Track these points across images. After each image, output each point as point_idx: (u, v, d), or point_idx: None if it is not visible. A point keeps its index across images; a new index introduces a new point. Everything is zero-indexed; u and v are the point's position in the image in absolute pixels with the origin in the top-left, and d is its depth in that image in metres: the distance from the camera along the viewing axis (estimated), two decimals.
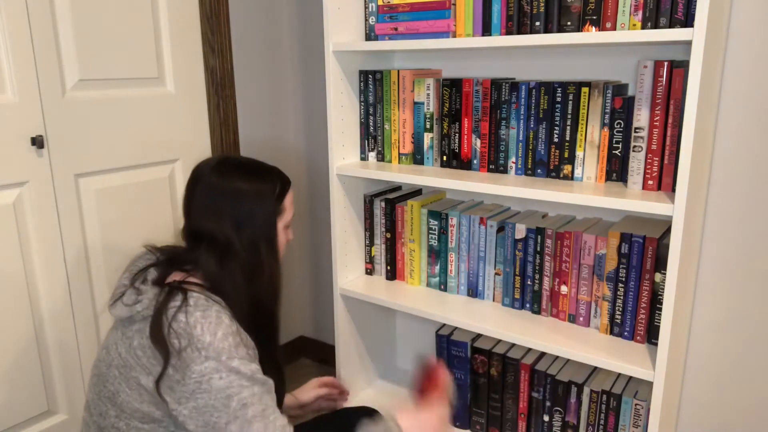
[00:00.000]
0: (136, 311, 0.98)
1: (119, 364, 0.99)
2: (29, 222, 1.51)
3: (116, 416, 0.99)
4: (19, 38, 1.43)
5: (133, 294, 1.01)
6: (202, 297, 0.98)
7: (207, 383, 0.91)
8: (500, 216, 1.55)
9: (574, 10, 1.25)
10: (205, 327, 0.94)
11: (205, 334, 0.93)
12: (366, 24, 1.58)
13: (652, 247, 1.27)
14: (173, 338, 0.93)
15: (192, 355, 0.92)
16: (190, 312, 0.95)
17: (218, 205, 1.04)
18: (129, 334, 0.99)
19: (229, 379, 0.92)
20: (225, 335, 0.94)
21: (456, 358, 1.59)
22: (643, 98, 1.23)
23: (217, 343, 0.93)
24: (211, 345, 0.92)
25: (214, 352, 0.92)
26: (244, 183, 1.06)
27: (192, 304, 0.96)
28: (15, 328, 1.51)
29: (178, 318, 0.94)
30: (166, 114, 1.77)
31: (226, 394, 0.92)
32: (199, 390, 0.92)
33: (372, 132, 1.66)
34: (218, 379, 0.92)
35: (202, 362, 0.91)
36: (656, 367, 1.20)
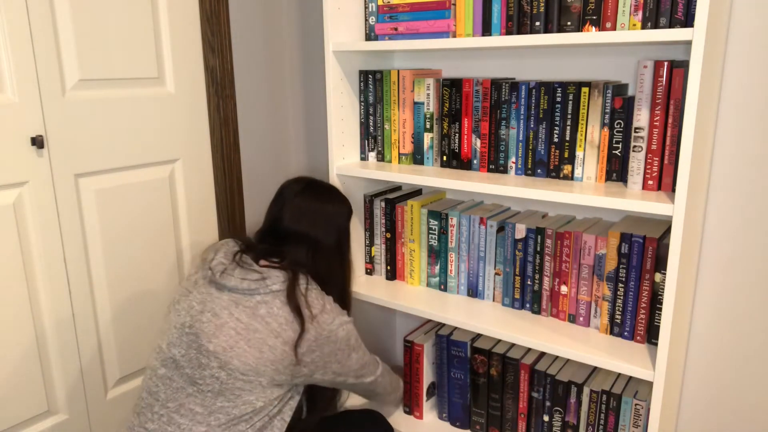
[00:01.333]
0: (264, 285, 1.20)
1: (237, 327, 1.18)
2: (29, 222, 1.51)
3: (219, 367, 1.17)
4: (19, 38, 1.43)
5: (251, 272, 1.23)
6: (310, 278, 1.28)
7: (334, 336, 1.23)
8: (500, 216, 1.55)
9: (574, 10, 1.25)
10: (325, 299, 1.25)
11: (326, 304, 1.24)
12: (366, 24, 1.58)
13: (652, 247, 1.27)
14: (307, 308, 1.21)
15: (323, 319, 1.22)
16: (314, 289, 1.25)
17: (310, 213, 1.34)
18: (249, 304, 1.20)
19: (346, 328, 1.26)
20: (332, 303, 1.27)
21: (456, 358, 1.59)
22: (643, 98, 1.23)
23: (335, 310, 1.25)
24: (332, 311, 1.24)
25: (335, 315, 1.24)
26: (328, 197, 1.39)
27: (311, 283, 1.26)
28: (15, 328, 1.51)
29: (309, 294, 1.23)
30: (166, 114, 1.77)
31: (347, 338, 1.26)
32: (327, 342, 1.22)
33: (372, 132, 1.66)
34: (342, 331, 1.25)
35: (329, 323, 1.22)
36: (656, 367, 1.20)
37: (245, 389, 1.17)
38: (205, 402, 1.17)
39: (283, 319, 1.18)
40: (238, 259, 1.27)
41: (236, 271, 1.23)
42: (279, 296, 1.20)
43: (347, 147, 1.66)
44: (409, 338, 1.69)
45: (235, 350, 1.16)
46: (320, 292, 1.26)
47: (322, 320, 1.21)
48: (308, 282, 1.26)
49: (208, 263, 1.27)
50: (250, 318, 1.18)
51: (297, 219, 1.34)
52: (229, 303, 1.20)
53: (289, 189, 1.38)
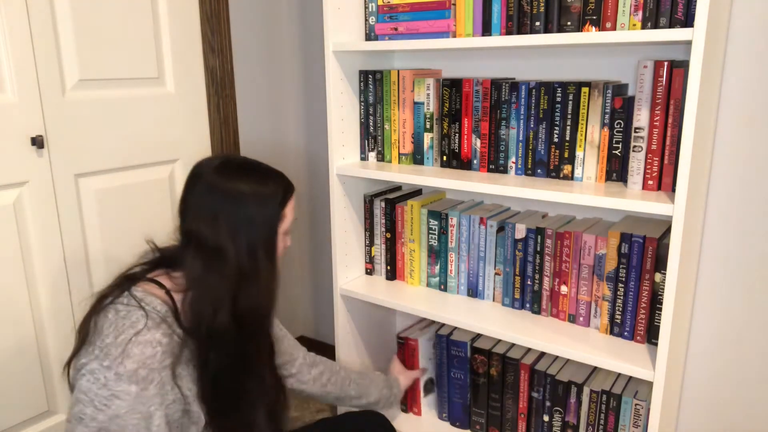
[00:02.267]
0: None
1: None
2: (29, 222, 1.51)
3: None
4: (19, 38, 1.43)
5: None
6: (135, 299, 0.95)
7: (81, 379, 0.89)
8: (500, 216, 1.55)
9: (574, 10, 1.25)
10: (115, 328, 0.91)
11: (109, 334, 0.90)
12: (366, 24, 1.58)
13: (652, 247, 1.27)
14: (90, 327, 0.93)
15: (88, 348, 0.91)
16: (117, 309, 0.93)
17: (216, 206, 0.99)
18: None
19: (89, 386, 0.88)
20: (123, 341, 0.89)
21: (456, 357, 1.59)
22: (643, 98, 1.23)
23: (109, 347, 0.89)
24: (106, 347, 0.89)
25: (102, 354, 0.89)
26: (246, 185, 1.01)
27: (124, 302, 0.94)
28: (15, 328, 1.51)
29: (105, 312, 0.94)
30: (166, 114, 1.77)
31: (77, 397, 0.88)
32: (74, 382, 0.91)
33: (372, 132, 1.66)
34: (86, 381, 0.89)
35: (89, 358, 0.90)
36: (656, 367, 1.20)
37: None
38: None
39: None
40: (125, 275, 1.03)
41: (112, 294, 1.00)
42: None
43: (347, 147, 1.66)
44: (403, 335, 1.71)
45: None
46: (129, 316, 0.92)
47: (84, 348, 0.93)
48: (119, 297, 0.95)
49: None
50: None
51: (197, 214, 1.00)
52: None
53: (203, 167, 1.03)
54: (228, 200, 0.99)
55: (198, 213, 1.00)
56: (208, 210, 0.99)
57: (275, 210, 1.03)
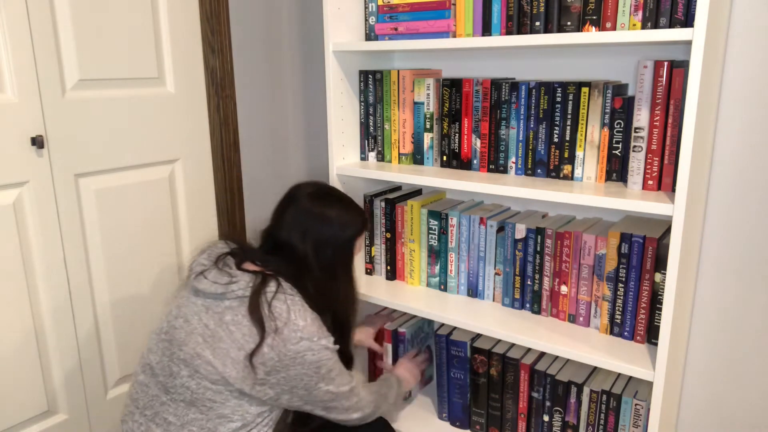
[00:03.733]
0: (230, 290, 1.11)
1: (204, 334, 1.11)
2: (29, 222, 1.51)
3: (189, 376, 1.11)
4: (19, 38, 1.43)
5: (224, 275, 1.14)
6: (290, 286, 1.16)
7: (301, 358, 1.09)
8: (500, 216, 1.55)
9: (574, 10, 1.25)
10: (297, 312, 1.11)
11: (298, 318, 1.10)
12: (366, 24, 1.58)
13: (652, 247, 1.27)
14: (270, 319, 1.09)
15: (289, 335, 1.08)
16: (283, 299, 1.11)
17: (307, 225, 1.21)
18: (217, 309, 1.12)
19: (319, 355, 1.11)
20: (313, 320, 1.12)
21: (455, 357, 1.59)
22: (643, 98, 1.23)
23: (309, 327, 1.10)
24: (304, 328, 1.10)
25: (307, 333, 1.10)
26: (335, 212, 1.23)
27: (285, 291, 1.13)
28: (15, 328, 1.51)
29: (274, 302, 1.10)
30: (166, 114, 1.77)
31: (317, 365, 1.11)
32: (292, 364, 1.09)
33: (372, 132, 1.66)
34: (311, 355, 1.10)
35: (297, 342, 1.09)
36: (656, 367, 1.20)
37: (217, 401, 1.10)
38: (178, 412, 1.12)
39: (247, 329, 1.09)
40: (221, 261, 1.18)
41: (211, 274, 1.15)
42: (245, 303, 1.11)
43: (347, 147, 1.66)
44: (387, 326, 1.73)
45: (202, 358, 1.09)
46: (295, 303, 1.13)
47: (286, 336, 1.08)
48: (278, 289, 1.13)
49: (190, 264, 1.21)
50: (217, 325, 1.11)
51: (290, 228, 1.22)
52: (201, 308, 1.14)
53: (299, 191, 1.26)
54: (318, 221, 1.22)
55: (291, 228, 1.22)
56: (301, 227, 1.21)
57: (353, 236, 1.26)
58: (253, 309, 1.09)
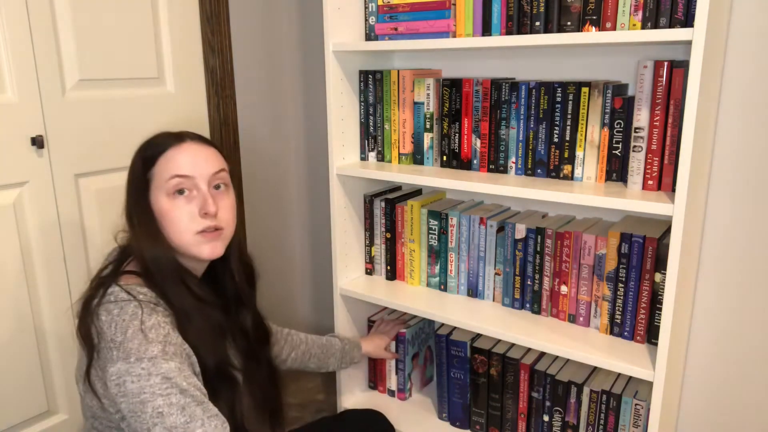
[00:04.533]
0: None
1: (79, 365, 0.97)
2: (29, 222, 1.51)
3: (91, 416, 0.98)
4: (19, 38, 1.43)
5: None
6: (123, 291, 0.92)
7: (123, 386, 0.85)
8: (500, 216, 1.55)
9: (574, 10, 1.25)
10: (118, 325, 0.88)
11: (117, 333, 0.87)
12: (366, 24, 1.58)
13: (652, 247, 1.27)
14: (94, 334, 0.90)
15: (107, 354, 0.88)
16: (109, 309, 0.90)
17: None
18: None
19: (140, 384, 0.84)
20: (134, 333, 0.87)
21: (455, 357, 1.59)
22: (643, 98, 1.23)
23: (126, 343, 0.86)
24: (121, 345, 0.86)
25: (124, 352, 0.86)
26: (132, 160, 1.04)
27: (111, 299, 0.91)
28: (15, 328, 1.51)
29: (98, 313, 0.91)
30: (166, 114, 1.77)
31: (140, 399, 0.84)
32: (119, 393, 0.86)
33: (372, 132, 1.66)
34: (131, 383, 0.85)
35: (114, 363, 0.86)
36: (656, 367, 1.20)
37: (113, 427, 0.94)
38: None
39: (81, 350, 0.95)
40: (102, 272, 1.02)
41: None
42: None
43: (347, 147, 1.66)
44: (373, 318, 1.77)
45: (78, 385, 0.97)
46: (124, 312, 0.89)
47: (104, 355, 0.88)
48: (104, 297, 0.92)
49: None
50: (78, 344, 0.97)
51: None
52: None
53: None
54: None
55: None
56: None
57: (141, 171, 1.02)
58: (79, 324, 0.92)
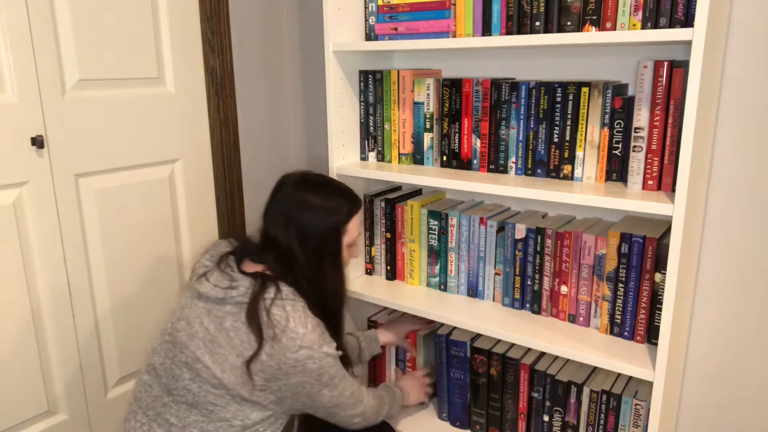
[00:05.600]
0: (230, 295, 1.09)
1: (205, 338, 1.10)
2: (29, 222, 1.51)
3: (190, 379, 1.10)
4: (19, 38, 1.43)
5: (225, 278, 1.12)
6: (291, 291, 1.11)
7: (302, 367, 1.06)
8: (500, 216, 1.55)
9: (574, 10, 1.25)
10: (297, 319, 1.07)
11: (297, 326, 1.06)
12: (366, 24, 1.58)
13: (652, 247, 1.27)
14: (269, 327, 1.06)
15: (288, 344, 1.05)
16: (283, 305, 1.08)
17: (288, 212, 1.17)
18: (218, 313, 1.10)
19: (321, 363, 1.08)
20: (314, 327, 1.09)
21: (455, 357, 1.59)
22: (643, 98, 1.23)
23: (309, 335, 1.07)
24: (305, 336, 1.06)
25: (307, 342, 1.06)
26: (317, 198, 1.18)
27: (284, 297, 1.09)
28: (15, 328, 1.51)
29: (273, 309, 1.07)
30: (166, 114, 1.77)
31: (319, 372, 1.08)
32: (293, 372, 1.06)
33: (372, 132, 1.66)
34: (312, 363, 1.07)
35: (296, 350, 1.05)
36: (656, 367, 1.20)
37: (218, 405, 1.09)
38: (180, 413, 1.11)
39: (245, 335, 1.07)
40: (223, 261, 1.17)
41: (213, 276, 1.13)
42: (245, 309, 1.08)
43: (347, 147, 1.66)
44: (373, 318, 1.76)
45: (202, 363, 1.09)
46: (296, 309, 1.09)
47: (285, 344, 1.06)
48: (277, 294, 1.09)
49: (194, 265, 1.20)
50: (217, 330, 1.09)
51: (274, 219, 1.18)
52: (202, 311, 1.12)
53: (285, 180, 1.23)
54: (299, 209, 1.17)
55: (276, 219, 1.18)
56: (283, 217, 1.17)
57: (338, 222, 1.19)
58: (251, 316, 1.07)
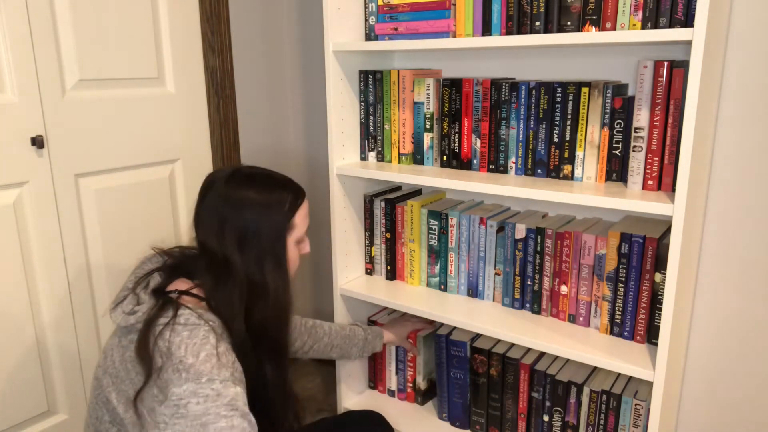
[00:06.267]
0: (130, 322, 0.95)
1: (112, 373, 0.97)
2: (29, 222, 1.51)
3: (110, 422, 0.98)
4: (19, 38, 1.43)
5: (133, 301, 0.98)
6: (194, 315, 0.94)
7: (184, 407, 0.86)
8: (500, 216, 1.55)
9: (574, 10, 1.25)
10: (189, 348, 0.89)
11: (187, 355, 0.88)
12: (366, 24, 1.58)
13: (652, 247, 1.27)
14: (157, 355, 0.89)
15: (172, 376, 0.87)
16: (177, 330, 0.91)
17: (224, 216, 0.99)
18: (124, 343, 0.96)
19: (206, 405, 0.86)
20: (208, 356, 0.89)
21: (455, 357, 1.59)
22: (643, 98, 1.23)
23: (198, 365, 0.88)
24: (192, 367, 0.87)
25: (194, 374, 0.87)
26: (253, 193, 1.00)
27: (182, 322, 0.92)
28: (15, 328, 1.51)
29: (164, 335, 0.90)
30: (166, 114, 1.77)
31: (202, 421, 0.86)
32: (177, 414, 0.86)
33: (372, 132, 1.66)
34: (195, 404, 0.86)
35: (181, 384, 0.87)
36: (656, 367, 1.20)
37: None
38: None
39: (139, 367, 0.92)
40: (142, 282, 1.01)
41: (125, 301, 0.98)
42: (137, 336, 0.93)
43: (347, 147, 1.66)
44: (373, 318, 1.76)
45: (113, 403, 0.95)
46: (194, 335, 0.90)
47: (169, 376, 0.88)
48: (174, 318, 0.92)
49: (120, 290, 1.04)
50: (120, 362, 0.95)
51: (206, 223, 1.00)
52: (115, 341, 0.99)
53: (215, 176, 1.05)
54: (234, 209, 0.99)
55: (207, 223, 1.01)
56: (216, 220, 0.99)
57: (282, 218, 1.02)
58: (141, 344, 0.91)
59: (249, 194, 1.00)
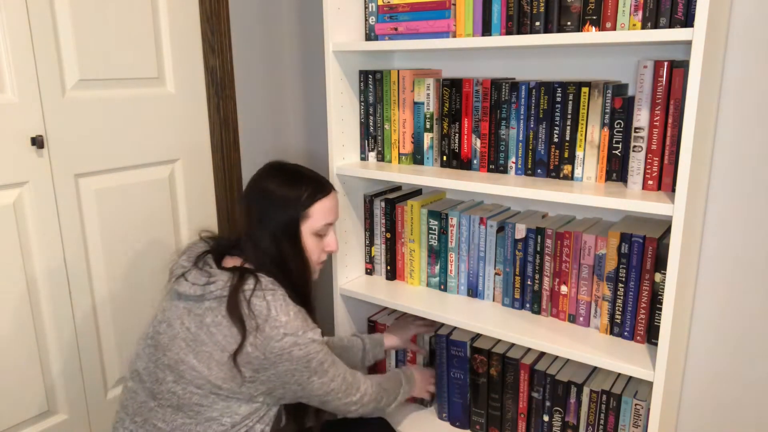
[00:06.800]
0: (209, 291, 1.09)
1: (187, 338, 1.09)
2: (29, 222, 1.51)
3: (174, 381, 1.09)
4: (19, 38, 1.43)
5: (203, 276, 1.12)
6: (270, 280, 1.12)
7: (288, 355, 1.06)
8: (500, 216, 1.55)
9: (574, 10, 1.25)
10: (279, 308, 1.08)
11: (280, 314, 1.07)
12: (366, 24, 1.58)
13: (652, 247, 1.27)
14: (251, 318, 1.06)
15: (271, 333, 1.05)
16: (263, 295, 1.08)
17: (250, 202, 1.19)
18: (198, 311, 1.10)
19: (307, 349, 1.08)
20: (296, 314, 1.09)
21: (455, 357, 1.59)
22: (643, 98, 1.23)
23: (292, 322, 1.08)
24: (287, 323, 1.07)
25: (291, 329, 1.07)
26: (275, 186, 1.18)
27: (263, 287, 1.10)
28: (15, 328, 1.51)
29: (253, 300, 1.07)
30: (166, 114, 1.77)
31: (306, 359, 1.09)
32: (280, 361, 1.06)
33: (372, 132, 1.66)
34: (298, 350, 1.07)
35: (281, 339, 1.06)
36: (656, 367, 1.20)
37: (204, 405, 1.08)
38: (167, 417, 1.10)
39: (227, 329, 1.07)
40: (201, 260, 1.16)
41: (191, 275, 1.13)
42: (224, 303, 1.08)
43: (347, 147, 1.66)
44: (373, 318, 1.76)
45: (186, 363, 1.08)
46: (276, 298, 1.09)
47: (269, 333, 1.06)
48: (257, 285, 1.10)
49: (171, 267, 1.18)
50: (198, 328, 1.09)
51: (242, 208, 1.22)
52: (183, 311, 1.12)
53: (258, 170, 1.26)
54: (259, 197, 1.19)
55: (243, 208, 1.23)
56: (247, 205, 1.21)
57: (295, 211, 1.18)
58: (232, 309, 1.06)
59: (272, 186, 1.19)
